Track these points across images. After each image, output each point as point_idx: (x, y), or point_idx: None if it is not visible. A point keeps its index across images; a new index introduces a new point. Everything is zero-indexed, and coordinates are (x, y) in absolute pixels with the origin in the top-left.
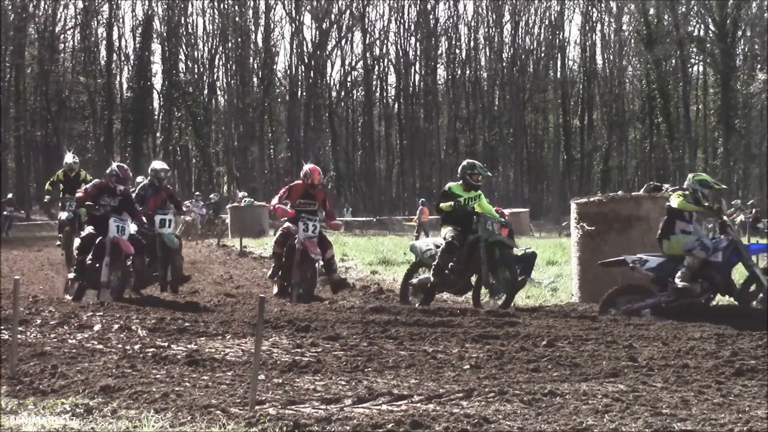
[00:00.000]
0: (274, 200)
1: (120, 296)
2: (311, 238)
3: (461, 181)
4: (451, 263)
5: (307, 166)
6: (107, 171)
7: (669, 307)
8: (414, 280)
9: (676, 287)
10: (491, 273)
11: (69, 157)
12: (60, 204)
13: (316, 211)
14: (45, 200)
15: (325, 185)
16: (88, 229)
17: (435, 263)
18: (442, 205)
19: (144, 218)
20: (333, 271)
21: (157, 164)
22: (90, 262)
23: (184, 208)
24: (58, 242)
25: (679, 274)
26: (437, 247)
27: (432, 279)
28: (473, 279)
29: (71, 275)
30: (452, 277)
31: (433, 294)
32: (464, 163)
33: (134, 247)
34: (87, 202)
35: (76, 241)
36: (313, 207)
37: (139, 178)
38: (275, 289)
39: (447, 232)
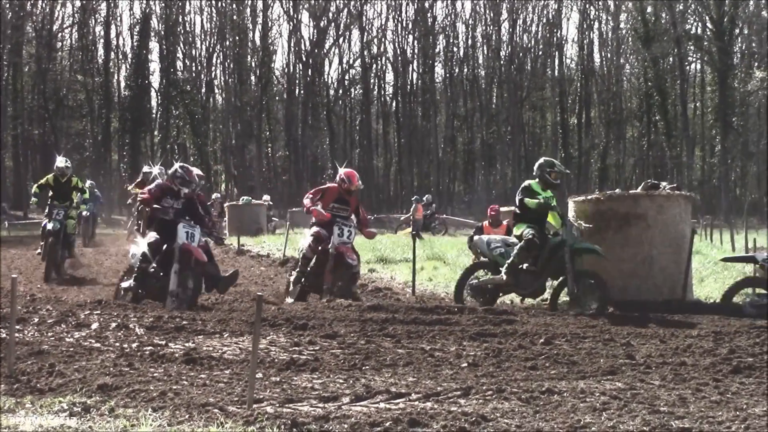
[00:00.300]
0: (306, 201)
1: (192, 306)
2: (346, 244)
3: (538, 180)
4: (527, 263)
5: (344, 170)
6: (170, 171)
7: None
8: (474, 281)
9: (507, 273)
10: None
11: (61, 161)
12: (47, 211)
13: (348, 217)
14: (31, 203)
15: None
16: (153, 235)
17: (509, 261)
18: (527, 201)
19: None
20: (354, 282)
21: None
22: (153, 269)
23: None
24: (39, 250)
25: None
26: (507, 245)
27: (504, 278)
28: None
29: (127, 284)
30: (526, 278)
31: (497, 294)
32: (542, 160)
33: (205, 254)
34: (155, 206)
35: (137, 248)
36: (345, 213)
37: (155, 170)
38: (291, 297)
39: (526, 230)
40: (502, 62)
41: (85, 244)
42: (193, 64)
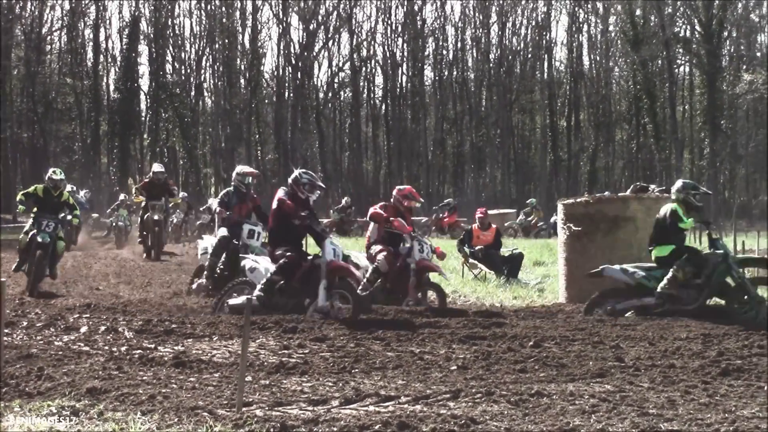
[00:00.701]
0: (380, 211)
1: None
2: (426, 260)
3: (679, 203)
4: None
5: (404, 187)
6: (290, 179)
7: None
8: (616, 305)
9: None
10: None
11: (55, 173)
12: (31, 222)
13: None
14: (18, 210)
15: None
16: (283, 251)
17: (668, 279)
18: (687, 223)
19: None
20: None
21: (244, 168)
22: (282, 285)
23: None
24: (18, 266)
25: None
26: (648, 270)
27: (655, 300)
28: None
29: (198, 282)
30: (690, 293)
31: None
32: (682, 183)
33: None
34: (311, 226)
35: (256, 266)
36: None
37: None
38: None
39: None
40: (491, 65)
41: (68, 249)
42: (183, 67)
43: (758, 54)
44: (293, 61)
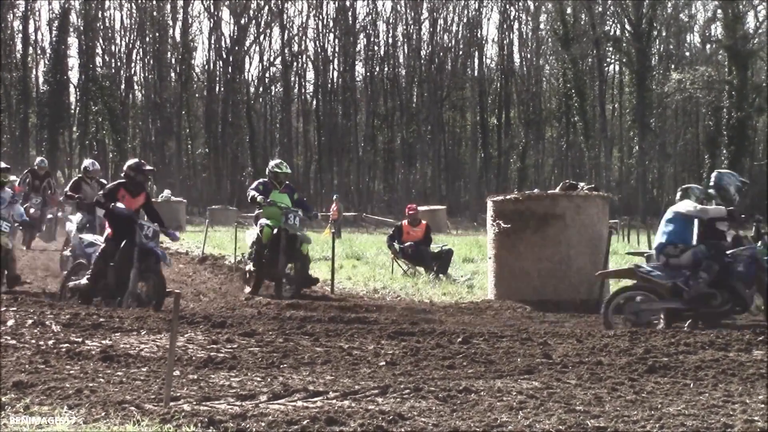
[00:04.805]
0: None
1: None
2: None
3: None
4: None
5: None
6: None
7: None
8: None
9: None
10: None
11: None
12: None
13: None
14: None
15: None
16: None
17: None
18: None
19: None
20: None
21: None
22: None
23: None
24: None
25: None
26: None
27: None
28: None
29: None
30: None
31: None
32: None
33: None
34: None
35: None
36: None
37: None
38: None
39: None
40: (422, 61)
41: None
42: (113, 60)
43: (687, 53)
44: (224, 56)
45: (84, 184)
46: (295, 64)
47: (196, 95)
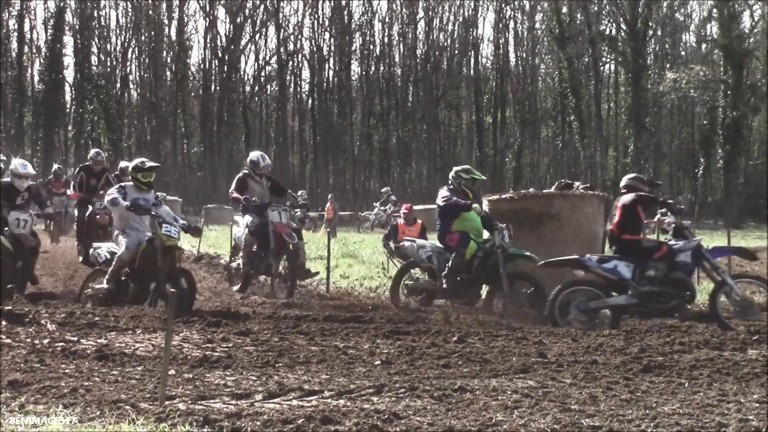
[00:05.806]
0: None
1: None
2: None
3: None
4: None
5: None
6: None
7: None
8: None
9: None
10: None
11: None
12: None
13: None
14: None
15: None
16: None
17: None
18: None
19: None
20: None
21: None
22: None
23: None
24: None
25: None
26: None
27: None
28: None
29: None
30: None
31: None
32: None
33: None
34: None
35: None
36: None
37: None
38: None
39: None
40: (418, 61)
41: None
42: (108, 59)
43: (682, 53)
44: (220, 54)
45: (251, 181)
46: (290, 62)
47: (192, 94)
